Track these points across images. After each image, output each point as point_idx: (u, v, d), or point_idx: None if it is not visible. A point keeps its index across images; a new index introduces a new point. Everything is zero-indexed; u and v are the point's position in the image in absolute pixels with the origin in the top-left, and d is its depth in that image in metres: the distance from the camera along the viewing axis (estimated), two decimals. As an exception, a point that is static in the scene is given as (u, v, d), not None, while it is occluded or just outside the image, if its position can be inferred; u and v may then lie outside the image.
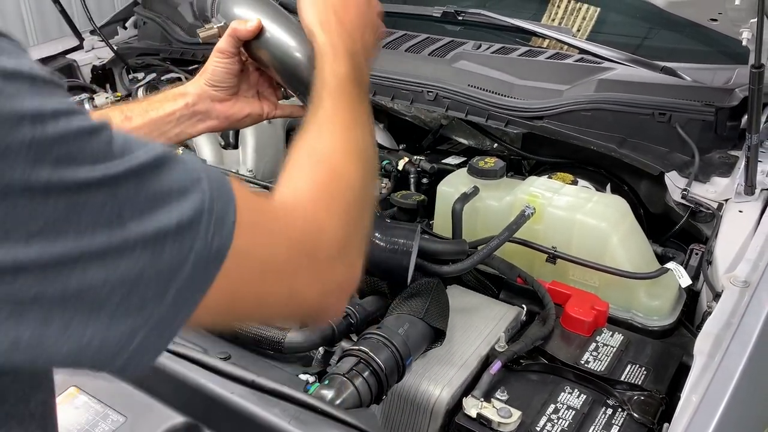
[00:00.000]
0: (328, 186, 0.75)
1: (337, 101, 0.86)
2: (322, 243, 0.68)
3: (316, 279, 0.68)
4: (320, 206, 0.72)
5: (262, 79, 1.23)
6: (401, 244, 1.13)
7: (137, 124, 1.10)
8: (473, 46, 1.83)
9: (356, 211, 0.76)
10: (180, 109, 1.13)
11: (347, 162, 0.79)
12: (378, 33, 1.03)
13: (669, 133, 1.54)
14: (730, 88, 1.56)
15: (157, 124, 1.11)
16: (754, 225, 1.32)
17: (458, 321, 1.21)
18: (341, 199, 0.75)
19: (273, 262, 0.62)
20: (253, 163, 1.80)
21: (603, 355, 1.14)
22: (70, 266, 0.47)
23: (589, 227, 1.29)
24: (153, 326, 0.51)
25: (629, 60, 1.72)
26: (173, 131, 1.13)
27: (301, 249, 0.66)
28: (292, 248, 0.65)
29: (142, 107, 1.12)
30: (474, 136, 1.94)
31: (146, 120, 1.11)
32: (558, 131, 1.60)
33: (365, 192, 0.80)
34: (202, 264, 0.53)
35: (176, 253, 0.51)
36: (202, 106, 1.15)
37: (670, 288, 1.29)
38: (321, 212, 0.71)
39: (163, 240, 0.51)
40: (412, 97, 1.78)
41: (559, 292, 1.27)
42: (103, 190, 0.48)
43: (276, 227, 0.64)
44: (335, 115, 0.85)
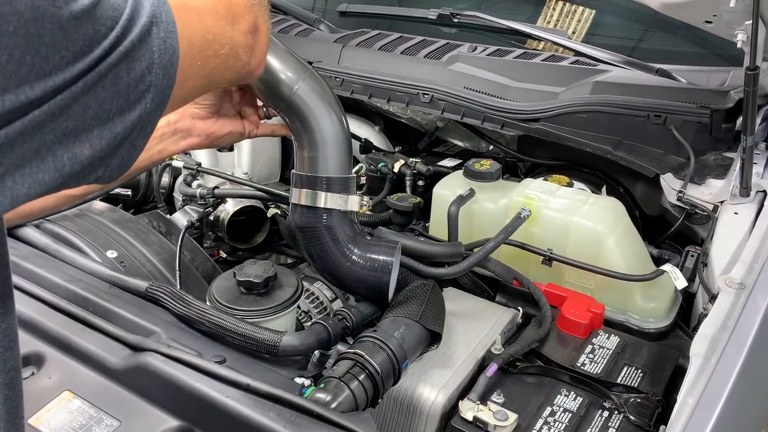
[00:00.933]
0: None
1: None
2: None
3: (240, 26, 0.75)
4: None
5: (244, 99, 1.24)
6: (381, 262, 1.14)
7: None
8: (469, 48, 1.83)
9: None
10: (162, 127, 1.14)
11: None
12: None
13: (664, 135, 1.55)
14: (725, 90, 1.56)
15: None
16: (749, 227, 1.32)
17: (454, 323, 1.21)
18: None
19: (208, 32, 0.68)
20: (249, 166, 1.80)
21: (599, 357, 1.14)
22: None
23: (584, 229, 1.29)
24: None
25: (624, 62, 1.72)
26: (155, 148, 1.14)
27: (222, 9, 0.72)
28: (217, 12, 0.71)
29: None
30: (470, 138, 1.94)
31: None
32: (554, 133, 1.60)
33: None
34: (166, 63, 0.58)
35: (146, 59, 0.55)
36: (184, 123, 1.16)
37: (666, 290, 1.29)
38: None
39: (131, 53, 0.53)
40: (408, 100, 1.78)
41: (555, 294, 1.27)
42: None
43: None
44: None
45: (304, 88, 1.12)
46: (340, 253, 1.16)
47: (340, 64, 1.89)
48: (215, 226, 1.55)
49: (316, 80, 1.14)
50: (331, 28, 2.09)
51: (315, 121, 1.14)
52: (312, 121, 1.14)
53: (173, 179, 1.68)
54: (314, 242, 1.17)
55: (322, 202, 1.15)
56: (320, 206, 1.15)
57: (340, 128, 1.16)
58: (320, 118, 1.14)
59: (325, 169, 1.15)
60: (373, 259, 1.15)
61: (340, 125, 1.16)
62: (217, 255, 1.56)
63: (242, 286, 1.13)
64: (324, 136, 1.14)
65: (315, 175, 1.15)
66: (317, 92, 1.13)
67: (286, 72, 1.11)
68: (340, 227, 1.16)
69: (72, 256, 1.22)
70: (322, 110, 1.13)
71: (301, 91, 1.11)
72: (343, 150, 1.17)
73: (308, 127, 1.14)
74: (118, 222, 1.39)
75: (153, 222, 1.44)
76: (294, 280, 1.18)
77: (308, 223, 1.17)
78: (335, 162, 1.16)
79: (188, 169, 1.55)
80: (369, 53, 1.88)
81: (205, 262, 1.38)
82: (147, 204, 1.73)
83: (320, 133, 1.14)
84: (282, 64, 1.12)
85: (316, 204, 1.15)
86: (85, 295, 1.10)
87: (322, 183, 1.15)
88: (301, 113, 1.13)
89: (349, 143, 1.19)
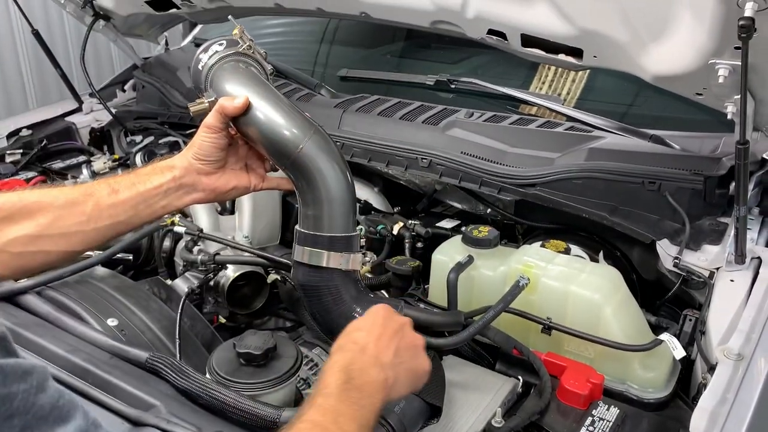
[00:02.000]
0: None
1: (313, 425, 0.82)
2: None
3: None
4: None
5: (251, 153, 1.25)
6: None
7: (124, 197, 1.12)
8: (466, 114, 1.87)
9: None
10: (167, 183, 1.15)
11: None
12: (414, 379, 1.01)
13: (659, 201, 1.57)
14: (718, 156, 1.59)
15: (143, 197, 1.14)
16: (745, 294, 1.33)
17: (454, 394, 1.20)
18: None
19: None
20: (249, 229, 1.81)
21: (599, 430, 1.14)
22: None
23: (582, 299, 1.30)
24: None
25: (619, 128, 1.76)
26: (159, 203, 1.15)
27: None
28: None
29: (129, 180, 1.15)
30: (468, 201, 1.96)
31: (133, 193, 1.13)
32: (550, 199, 1.63)
33: None
34: None
35: None
36: (189, 179, 1.17)
37: (664, 359, 1.29)
38: None
39: None
40: (407, 164, 1.81)
41: (554, 363, 1.27)
42: None
43: None
44: None
45: (310, 146, 1.11)
46: (342, 312, 1.16)
47: (340, 128, 1.93)
48: (215, 292, 1.56)
49: (322, 138, 1.14)
50: (331, 92, 2.14)
51: (321, 180, 1.13)
52: (318, 179, 1.13)
53: (174, 243, 1.70)
54: (316, 301, 1.16)
55: (325, 261, 1.14)
56: (323, 265, 1.14)
57: (345, 186, 1.15)
58: (326, 177, 1.13)
59: (329, 227, 1.14)
60: None
61: (345, 183, 1.15)
62: (216, 320, 1.56)
63: (242, 358, 1.13)
64: (329, 195, 1.14)
65: (319, 233, 1.14)
66: (324, 150, 1.13)
67: (291, 129, 1.12)
68: (342, 286, 1.16)
69: (73, 325, 1.22)
70: (328, 168, 1.13)
71: (306, 149, 1.11)
72: (348, 208, 1.16)
73: (313, 185, 1.14)
74: (119, 288, 1.40)
75: (153, 288, 1.45)
76: (293, 351, 1.18)
77: (310, 282, 1.16)
78: (340, 221, 1.16)
79: (190, 235, 1.57)
80: (369, 118, 1.93)
81: (204, 330, 1.38)
82: (148, 267, 1.74)
83: (325, 192, 1.14)
84: (288, 122, 1.12)
85: (319, 263, 1.15)
86: (85, 366, 1.10)
87: (326, 242, 1.14)
88: (307, 171, 1.13)
89: (353, 201, 1.18)
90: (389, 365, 0.94)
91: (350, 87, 2.23)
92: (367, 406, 0.87)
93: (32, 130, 2.42)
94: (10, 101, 3.57)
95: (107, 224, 1.10)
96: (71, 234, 1.05)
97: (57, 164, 2.32)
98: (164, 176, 1.16)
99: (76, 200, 1.07)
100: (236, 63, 1.26)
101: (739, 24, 1.10)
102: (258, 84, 1.22)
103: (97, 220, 1.09)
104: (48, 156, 2.35)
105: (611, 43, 1.47)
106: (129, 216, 1.13)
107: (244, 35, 1.28)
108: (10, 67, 3.55)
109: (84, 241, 1.09)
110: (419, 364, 1.01)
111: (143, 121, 2.45)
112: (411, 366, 0.99)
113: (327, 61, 2.49)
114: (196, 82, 1.33)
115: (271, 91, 1.21)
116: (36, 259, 1.05)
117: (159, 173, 1.16)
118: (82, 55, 2.46)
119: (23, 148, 2.30)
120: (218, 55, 1.27)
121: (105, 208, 1.10)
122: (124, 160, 2.25)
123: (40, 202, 1.03)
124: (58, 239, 1.02)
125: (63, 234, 1.03)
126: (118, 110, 2.52)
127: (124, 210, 1.12)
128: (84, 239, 1.08)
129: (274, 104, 1.17)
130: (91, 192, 1.11)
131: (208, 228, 1.73)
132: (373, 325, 0.99)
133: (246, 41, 1.28)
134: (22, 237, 0.99)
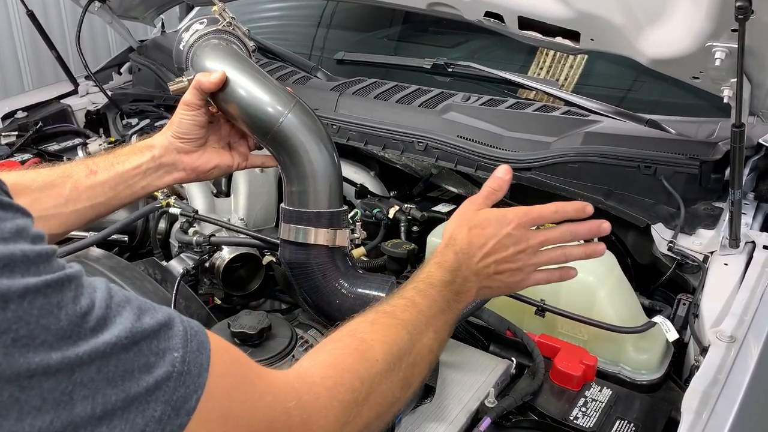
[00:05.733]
0: (343, 377, 0.72)
1: (412, 303, 0.86)
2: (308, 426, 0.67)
3: None
4: (322, 395, 0.69)
5: (233, 131, 1.22)
6: (372, 297, 1.12)
7: (103, 178, 1.09)
8: (462, 97, 1.87)
9: (366, 421, 0.73)
10: (146, 162, 1.13)
11: (383, 362, 0.77)
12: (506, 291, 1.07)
13: (655, 186, 1.57)
14: (714, 141, 1.59)
15: (123, 177, 1.11)
16: (739, 278, 1.34)
17: (448, 374, 1.21)
18: (352, 398, 0.71)
19: None
20: (245, 211, 1.81)
21: (592, 410, 1.15)
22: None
23: (576, 281, 1.29)
24: None
25: (615, 113, 1.76)
26: (139, 184, 1.13)
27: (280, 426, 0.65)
28: (266, 429, 0.64)
29: (107, 161, 1.12)
30: (463, 185, 1.96)
31: (112, 174, 1.10)
32: (546, 183, 1.63)
33: (386, 407, 0.77)
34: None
35: (126, 429, 0.52)
36: (169, 158, 1.15)
37: (657, 341, 1.30)
38: (320, 400, 0.68)
39: (110, 419, 0.51)
40: (403, 147, 1.81)
41: (548, 345, 1.27)
42: (58, 375, 0.48)
43: (254, 403, 0.63)
44: (402, 314, 0.84)
45: (291, 120, 1.09)
46: (331, 289, 1.15)
47: (336, 111, 1.92)
48: (211, 273, 1.56)
49: (303, 112, 1.12)
50: (328, 75, 2.13)
51: (304, 154, 1.11)
52: (300, 154, 1.11)
53: (170, 225, 1.70)
54: (303, 278, 1.15)
55: (312, 238, 1.13)
56: (310, 242, 1.13)
57: (330, 161, 1.13)
58: (309, 151, 1.11)
59: (315, 203, 1.13)
60: (364, 294, 1.13)
61: (329, 158, 1.13)
62: (211, 302, 1.57)
63: (236, 338, 1.13)
64: (313, 169, 1.12)
65: (304, 210, 1.12)
66: (305, 124, 1.11)
67: (271, 102, 1.09)
68: (330, 263, 1.14)
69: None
70: (310, 142, 1.11)
71: (287, 123, 1.09)
72: (333, 183, 1.14)
73: (296, 161, 1.11)
74: (113, 269, 1.39)
75: (149, 269, 1.44)
76: (288, 331, 1.19)
77: (297, 260, 1.15)
78: (325, 196, 1.14)
79: (185, 216, 1.57)
80: (365, 101, 1.92)
81: (199, 310, 1.38)
82: (143, 249, 1.74)
83: (309, 167, 1.12)
84: (267, 95, 1.10)
85: (306, 240, 1.13)
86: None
87: (312, 218, 1.12)
88: (289, 146, 1.10)
89: (339, 175, 1.16)
90: (487, 277, 0.98)
91: (347, 70, 2.22)
92: (454, 310, 0.94)
93: (27, 112, 2.41)
94: (5, 83, 3.55)
95: (86, 206, 1.07)
96: (49, 217, 1.02)
97: (52, 146, 2.31)
98: (143, 156, 1.13)
99: (53, 182, 1.04)
100: (217, 41, 1.25)
101: (737, 6, 1.10)
102: (236, 59, 1.20)
103: (75, 202, 1.06)
104: (43, 138, 2.34)
105: (608, 26, 1.46)
106: (108, 197, 1.10)
107: (224, 12, 1.27)
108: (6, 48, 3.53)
109: (63, 224, 1.07)
110: (517, 282, 1.03)
111: (139, 103, 2.44)
112: (508, 282, 1.02)
113: (324, 44, 2.48)
114: (179, 62, 1.31)
115: (250, 66, 1.18)
116: None
117: (138, 153, 1.14)
118: (78, 37, 2.44)
119: (18, 130, 2.29)
120: (198, 34, 1.26)
121: (83, 189, 1.07)
122: (119, 143, 2.24)
123: (16, 185, 0.99)
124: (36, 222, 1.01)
125: (40, 217, 0.99)
126: (114, 93, 2.51)
127: (103, 191, 1.09)
128: (63, 222, 1.05)
129: (252, 78, 1.14)
130: (69, 173, 1.08)
131: (204, 210, 1.73)
132: (490, 231, 0.98)
133: (226, 18, 1.26)
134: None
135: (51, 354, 0.48)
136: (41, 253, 0.51)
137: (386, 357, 0.77)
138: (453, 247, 0.97)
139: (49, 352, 0.48)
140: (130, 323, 0.53)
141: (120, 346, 0.52)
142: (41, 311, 0.48)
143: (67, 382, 0.49)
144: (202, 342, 0.59)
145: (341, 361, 0.75)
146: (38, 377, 0.47)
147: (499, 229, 0.97)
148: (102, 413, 0.51)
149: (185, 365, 0.56)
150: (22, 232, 0.51)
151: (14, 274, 0.47)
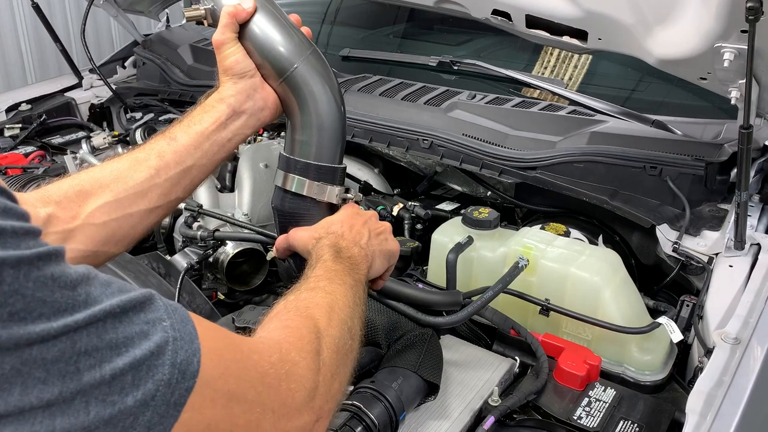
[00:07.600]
0: (301, 332, 0.80)
1: (321, 275, 0.96)
2: (291, 383, 0.72)
3: (281, 418, 0.71)
4: (292, 348, 0.76)
5: None
6: None
7: (184, 141, 1.06)
8: (468, 96, 1.86)
9: (331, 364, 0.81)
10: (225, 114, 1.08)
11: (322, 318, 0.86)
12: (388, 257, 1.13)
13: (660, 186, 1.57)
14: (720, 143, 1.59)
15: (204, 135, 1.07)
16: (744, 280, 1.33)
17: (452, 373, 1.21)
18: (314, 347, 0.79)
19: (241, 397, 0.66)
20: (249, 207, 1.81)
21: (596, 410, 1.14)
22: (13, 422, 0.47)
23: (581, 281, 1.30)
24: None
25: (621, 113, 1.76)
26: (225, 137, 1.08)
27: (269, 384, 0.70)
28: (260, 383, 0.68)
29: (183, 124, 1.08)
30: (468, 183, 1.96)
31: (192, 135, 1.06)
32: (551, 182, 1.62)
33: (342, 351, 0.85)
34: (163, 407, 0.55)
35: (138, 395, 0.54)
36: (245, 102, 1.09)
37: (661, 342, 1.29)
38: (293, 354, 0.75)
39: (121, 385, 0.53)
40: (408, 145, 1.81)
41: (552, 344, 1.27)
42: (61, 342, 0.50)
43: (244, 362, 0.68)
44: (317, 283, 0.94)
45: (305, 67, 1.07)
46: None
47: (341, 108, 1.91)
48: (214, 268, 1.56)
49: (319, 61, 1.09)
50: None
51: (312, 104, 1.08)
52: (309, 102, 1.08)
53: (173, 219, 1.69)
54: (290, 228, 1.13)
55: (306, 190, 1.11)
56: (303, 194, 1.11)
57: (337, 115, 1.11)
58: (318, 101, 1.08)
59: (318, 155, 1.11)
60: None
61: (337, 111, 1.11)
62: (215, 297, 1.56)
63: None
64: (320, 121, 1.09)
65: (304, 160, 1.11)
66: (319, 73, 1.08)
67: (288, 46, 1.07)
68: (320, 217, 1.12)
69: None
70: (321, 93, 1.08)
71: (301, 69, 1.07)
72: (337, 138, 1.12)
73: (304, 109, 1.09)
74: (117, 262, 1.39)
75: (153, 263, 1.45)
76: (292, 327, 1.19)
77: (289, 209, 1.13)
78: (328, 150, 1.12)
79: (189, 211, 1.56)
80: (370, 98, 1.92)
81: (203, 305, 1.38)
82: (147, 243, 1.74)
83: (316, 117, 1.09)
84: (285, 39, 1.07)
85: (300, 191, 1.11)
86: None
87: (311, 170, 1.10)
88: (299, 92, 1.08)
89: (343, 132, 1.14)
90: (366, 246, 1.06)
91: (352, 67, 2.21)
92: (356, 270, 1.01)
93: (31, 105, 2.41)
94: (9, 75, 3.55)
95: (177, 171, 1.04)
96: (146, 190, 1.01)
97: (56, 139, 2.31)
98: (218, 109, 1.08)
99: (138, 159, 1.03)
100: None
101: (747, 6, 1.09)
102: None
103: (166, 170, 1.03)
104: (47, 131, 2.34)
105: (616, 26, 1.46)
106: (197, 158, 1.06)
107: None
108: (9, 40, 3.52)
109: (163, 194, 1.04)
110: (390, 245, 1.13)
111: (143, 97, 2.44)
112: (383, 248, 1.10)
113: (329, 41, 2.48)
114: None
115: (270, 3, 1.14)
116: (122, 226, 1.00)
117: (211, 109, 1.08)
118: (83, 30, 2.43)
119: (22, 123, 2.29)
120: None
121: (170, 157, 1.04)
122: (123, 137, 2.23)
123: (111, 173, 1.00)
124: (136, 198, 0.99)
125: (138, 192, 0.99)
126: (118, 86, 2.50)
127: (189, 153, 1.05)
128: (161, 192, 1.03)
129: (272, 18, 1.10)
130: (151, 147, 1.06)
131: (208, 205, 1.72)
132: (345, 217, 1.10)
133: None
134: (102, 206, 0.97)
135: (51, 324, 0.49)
136: (30, 229, 0.52)
137: (322, 313, 0.87)
138: (322, 240, 1.05)
139: (47, 323, 0.49)
140: (117, 298, 0.56)
141: (113, 315, 0.54)
142: (36, 284, 0.49)
143: (70, 351, 0.50)
144: (183, 315, 0.62)
145: (290, 324, 0.82)
146: (38, 347, 0.48)
147: (344, 216, 1.11)
148: (111, 378, 0.52)
149: (177, 332, 0.58)
150: (9, 211, 0.52)
151: (6, 246, 0.48)
